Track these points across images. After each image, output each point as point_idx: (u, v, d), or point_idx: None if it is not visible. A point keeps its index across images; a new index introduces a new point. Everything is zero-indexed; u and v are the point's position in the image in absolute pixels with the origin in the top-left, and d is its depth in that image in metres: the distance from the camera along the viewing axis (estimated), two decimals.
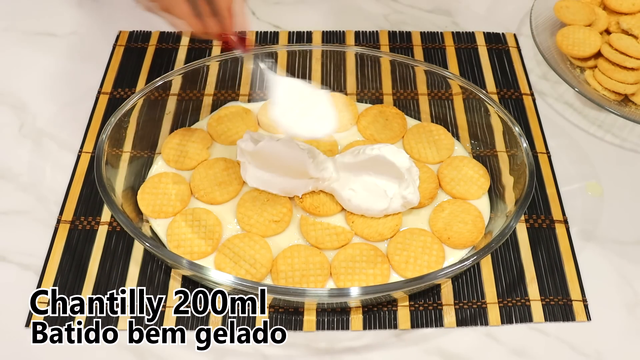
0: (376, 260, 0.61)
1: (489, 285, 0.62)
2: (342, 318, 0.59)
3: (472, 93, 0.69)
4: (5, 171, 0.69)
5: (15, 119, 0.74)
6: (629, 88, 0.75)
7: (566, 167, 0.71)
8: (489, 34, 0.85)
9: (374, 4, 0.90)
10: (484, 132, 0.70)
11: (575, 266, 0.63)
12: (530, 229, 0.66)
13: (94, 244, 0.64)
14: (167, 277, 0.62)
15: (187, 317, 0.59)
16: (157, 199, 0.64)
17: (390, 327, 0.59)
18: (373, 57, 0.74)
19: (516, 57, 0.83)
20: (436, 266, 0.61)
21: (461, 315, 0.60)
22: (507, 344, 0.58)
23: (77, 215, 0.66)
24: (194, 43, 0.83)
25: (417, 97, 0.74)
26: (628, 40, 0.77)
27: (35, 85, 0.78)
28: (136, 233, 0.56)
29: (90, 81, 0.78)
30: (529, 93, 0.78)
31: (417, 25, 0.86)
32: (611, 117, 0.77)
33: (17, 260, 0.63)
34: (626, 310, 0.61)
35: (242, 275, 0.59)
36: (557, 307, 0.61)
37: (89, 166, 0.69)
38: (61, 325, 0.58)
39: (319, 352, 0.58)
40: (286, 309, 0.60)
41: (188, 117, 0.73)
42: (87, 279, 0.61)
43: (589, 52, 0.78)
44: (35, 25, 0.85)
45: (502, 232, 0.57)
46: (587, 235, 0.66)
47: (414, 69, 0.72)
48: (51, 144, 0.72)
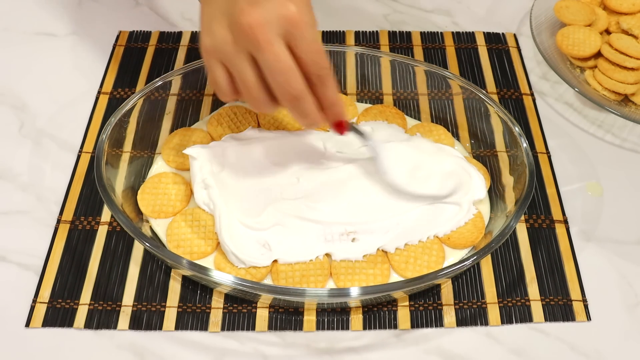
0: (376, 260, 0.61)
1: (489, 285, 0.62)
2: (342, 318, 0.59)
3: (472, 93, 0.69)
4: (5, 171, 0.69)
5: (15, 119, 0.74)
6: (629, 88, 0.75)
7: (566, 167, 0.72)
8: (489, 34, 0.85)
9: (374, 4, 0.90)
10: (484, 132, 0.69)
11: (575, 266, 0.63)
12: (530, 229, 0.66)
13: (94, 244, 0.64)
14: (167, 277, 0.62)
15: (187, 316, 0.59)
16: (157, 199, 0.64)
17: (390, 327, 0.59)
18: (373, 57, 0.74)
19: (516, 57, 0.83)
20: (436, 266, 0.61)
21: (461, 315, 0.60)
22: (507, 344, 0.58)
23: (77, 215, 0.66)
24: (194, 43, 0.83)
25: (417, 97, 0.74)
26: (628, 40, 0.77)
27: (35, 85, 0.78)
28: (136, 233, 0.56)
29: (90, 81, 0.78)
30: (529, 93, 0.78)
31: (417, 25, 0.86)
32: (611, 117, 0.77)
33: (17, 260, 0.63)
34: (626, 310, 0.61)
35: (242, 275, 0.59)
36: (557, 307, 0.61)
37: (89, 166, 0.69)
38: (61, 325, 0.58)
39: (319, 352, 0.58)
40: (286, 309, 0.60)
41: (188, 117, 0.73)
42: (87, 279, 0.61)
43: (589, 52, 0.78)
44: (35, 25, 0.85)
45: (502, 232, 0.57)
46: (587, 235, 0.66)
47: (414, 69, 0.72)
48: (51, 144, 0.72)
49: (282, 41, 0.50)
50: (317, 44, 0.51)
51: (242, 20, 0.49)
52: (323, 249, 0.61)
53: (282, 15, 0.50)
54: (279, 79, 0.51)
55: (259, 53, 0.50)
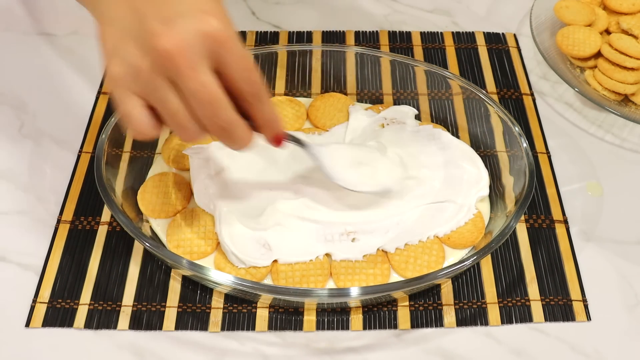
0: (376, 260, 0.61)
1: (489, 285, 0.62)
2: (342, 318, 0.59)
3: (472, 93, 0.69)
4: (5, 171, 0.69)
5: (15, 119, 0.74)
6: (629, 88, 0.75)
7: (566, 167, 0.72)
8: (489, 34, 0.85)
9: (374, 4, 0.90)
10: (484, 132, 0.69)
11: (575, 266, 0.63)
12: (530, 229, 0.66)
13: (94, 244, 0.64)
14: (167, 277, 0.62)
15: (187, 316, 0.59)
16: (157, 199, 0.64)
17: (390, 327, 0.59)
18: (373, 57, 0.74)
19: (516, 57, 0.83)
20: (436, 266, 0.61)
21: (461, 315, 0.60)
22: (507, 344, 0.58)
23: (77, 215, 0.66)
24: None
25: (417, 97, 0.74)
26: (628, 40, 0.77)
27: (35, 85, 0.78)
28: (136, 233, 0.56)
29: (90, 81, 0.78)
30: (529, 93, 0.78)
31: (417, 25, 0.86)
32: (611, 117, 0.77)
33: (17, 260, 0.63)
34: (626, 310, 0.61)
35: (242, 275, 0.59)
36: (557, 307, 0.61)
37: (89, 166, 0.69)
38: (61, 325, 0.58)
39: (319, 352, 0.58)
40: (286, 309, 0.60)
41: None
42: (87, 278, 0.61)
43: (589, 52, 0.78)
44: (35, 25, 0.85)
45: (502, 232, 0.57)
46: (587, 235, 0.66)
47: (414, 69, 0.72)
48: (51, 144, 0.72)
49: (206, 64, 0.44)
50: (247, 59, 0.46)
51: (157, 45, 0.43)
52: (323, 249, 0.61)
53: (204, 34, 0.44)
54: (205, 111, 0.45)
55: (180, 81, 0.44)
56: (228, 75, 0.46)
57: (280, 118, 0.51)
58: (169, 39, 0.43)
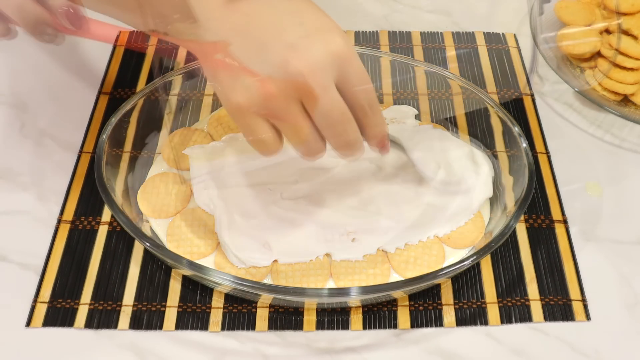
0: (376, 260, 0.61)
1: (489, 285, 0.62)
2: (342, 318, 0.59)
3: (472, 93, 0.69)
4: (5, 171, 0.69)
5: (16, 119, 0.74)
6: (628, 88, 0.75)
7: (566, 167, 0.72)
8: (489, 34, 0.85)
9: (374, 4, 0.90)
10: (483, 132, 0.70)
11: (575, 266, 0.63)
12: (530, 229, 0.66)
13: (94, 244, 0.64)
14: (167, 277, 0.62)
15: (187, 316, 0.59)
16: (157, 199, 0.64)
17: (390, 327, 0.59)
18: (373, 57, 0.74)
19: (516, 57, 0.83)
20: (436, 266, 0.61)
21: (461, 315, 0.60)
22: (507, 344, 0.59)
23: (77, 215, 0.66)
24: None
25: (417, 97, 0.74)
26: (627, 41, 0.77)
27: (35, 85, 0.78)
28: (136, 233, 0.56)
29: (90, 81, 0.78)
30: (528, 93, 0.78)
31: (417, 25, 0.86)
32: (611, 117, 0.77)
33: (17, 260, 0.63)
34: (626, 310, 0.61)
35: (242, 275, 0.59)
36: (556, 307, 0.61)
37: (89, 166, 0.69)
38: (62, 325, 0.58)
39: (319, 352, 0.58)
40: (286, 309, 0.60)
41: (188, 117, 0.73)
42: (87, 278, 0.61)
43: (588, 52, 0.78)
44: None
45: (502, 232, 0.57)
46: (587, 235, 0.66)
47: (414, 69, 0.72)
48: (52, 144, 0.72)
49: (333, 82, 0.46)
50: (365, 72, 0.48)
51: (290, 69, 0.45)
52: (323, 249, 0.61)
53: (331, 53, 0.45)
54: (336, 129, 0.48)
55: (313, 102, 0.46)
56: (348, 89, 0.47)
57: (385, 123, 0.52)
58: (299, 61, 0.45)
